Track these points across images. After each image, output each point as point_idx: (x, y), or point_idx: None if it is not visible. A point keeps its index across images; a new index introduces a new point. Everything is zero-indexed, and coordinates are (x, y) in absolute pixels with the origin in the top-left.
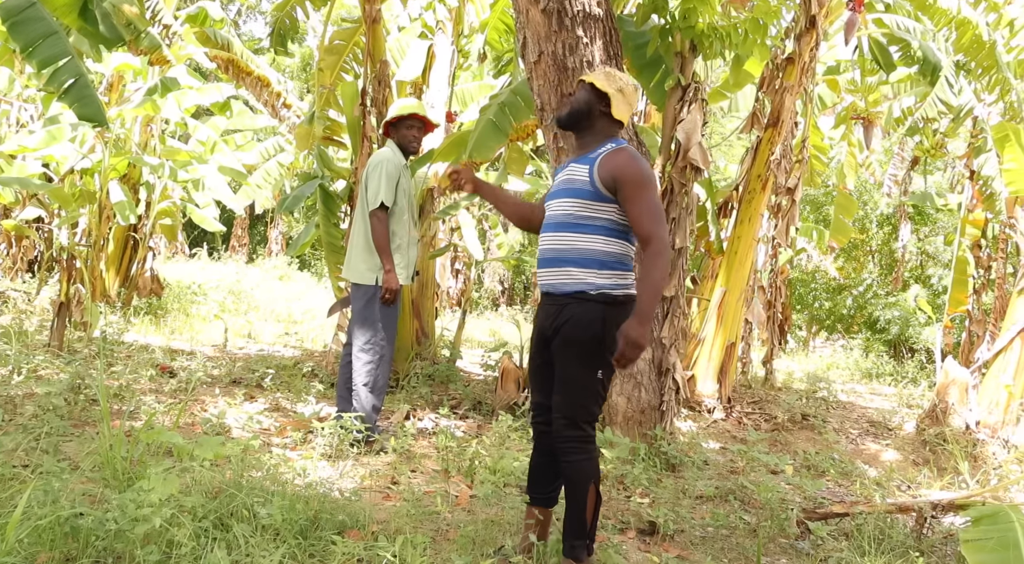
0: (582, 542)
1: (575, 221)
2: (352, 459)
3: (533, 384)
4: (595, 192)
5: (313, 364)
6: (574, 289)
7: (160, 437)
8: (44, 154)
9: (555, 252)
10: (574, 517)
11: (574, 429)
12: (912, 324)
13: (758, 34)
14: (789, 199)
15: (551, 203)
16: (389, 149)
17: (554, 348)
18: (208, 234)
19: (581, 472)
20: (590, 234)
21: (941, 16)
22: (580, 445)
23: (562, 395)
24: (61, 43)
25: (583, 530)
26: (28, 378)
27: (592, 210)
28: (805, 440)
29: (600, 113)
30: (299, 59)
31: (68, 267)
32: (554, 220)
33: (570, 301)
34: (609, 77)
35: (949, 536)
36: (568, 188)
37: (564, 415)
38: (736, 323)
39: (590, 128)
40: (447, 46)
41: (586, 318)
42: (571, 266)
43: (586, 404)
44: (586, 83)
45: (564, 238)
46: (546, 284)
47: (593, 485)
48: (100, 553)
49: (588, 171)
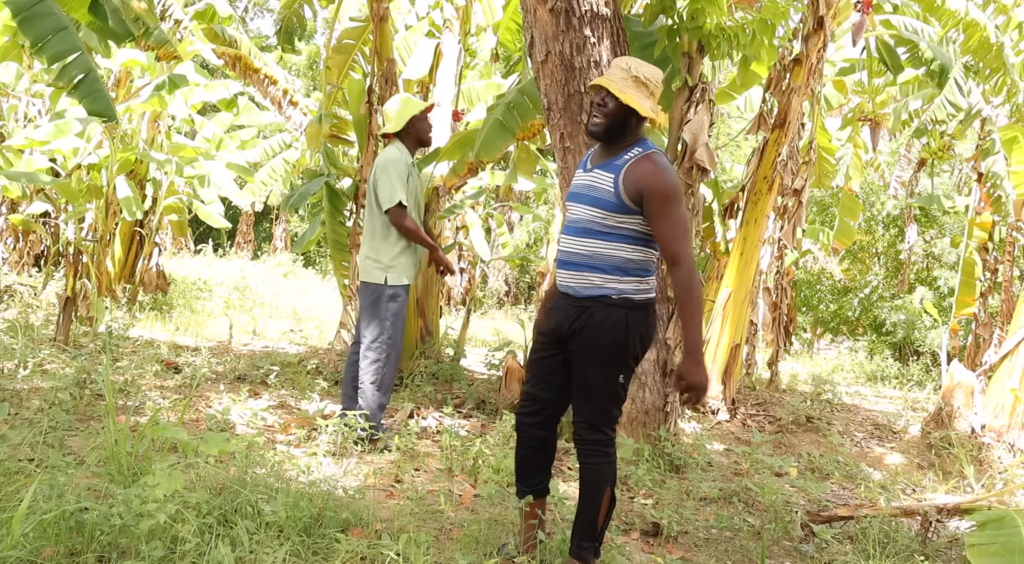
0: (591, 544)
1: (599, 229)
2: (356, 457)
3: (532, 376)
4: (620, 204)
5: (318, 361)
6: (596, 294)
7: (165, 433)
8: (51, 149)
9: (577, 257)
10: (586, 518)
11: (596, 433)
12: (918, 327)
13: (766, 35)
14: (796, 200)
15: (573, 205)
16: (395, 149)
17: (573, 351)
18: (213, 231)
19: (600, 474)
20: (614, 242)
21: (949, 18)
22: (601, 448)
23: (584, 400)
24: (71, 38)
25: (593, 532)
26: (34, 372)
27: (616, 220)
28: (809, 442)
29: (634, 122)
30: (306, 57)
31: (74, 262)
32: (577, 225)
33: (591, 305)
34: (636, 85)
35: (954, 540)
36: (592, 196)
37: (586, 419)
38: (741, 325)
39: (623, 135)
40: (454, 45)
41: (608, 322)
42: (594, 271)
43: (608, 408)
44: (611, 94)
45: (587, 244)
46: (566, 285)
47: (609, 488)
48: (105, 548)
49: (613, 181)
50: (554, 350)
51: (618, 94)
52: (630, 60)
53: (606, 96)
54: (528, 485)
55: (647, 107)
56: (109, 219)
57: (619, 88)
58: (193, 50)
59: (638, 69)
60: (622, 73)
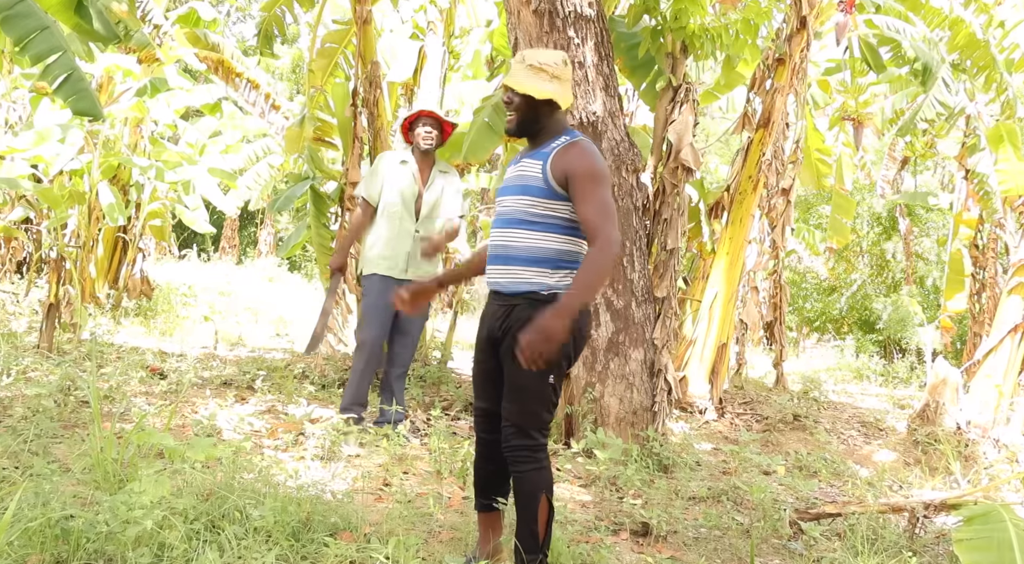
0: (535, 556)
1: (527, 218)
2: (344, 461)
3: (476, 389)
4: (548, 190)
5: (304, 366)
6: (524, 289)
7: (151, 439)
8: (33, 155)
9: (505, 250)
10: (525, 530)
11: (523, 437)
12: (908, 324)
13: (749, 34)
14: (784, 200)
15: (502, 199)
16: (395, 149)
17: (503, 352)
18: (198, 235)
19: (531, 482)
20: (542, 232)
21: (934, 16)
22: (530, 454)
23: (512, 402)
24: (54, 37)
25: (535, 544)
26: (17, 380)
27: (545, 207)
28: (797, 441)
29: (546, 111)
30: (289, 61)
31: (57, 268)
32: (505, 216)
33: (520, 302)
34: (532, 72)
35: (941, 536)
36: (520, 184)
37: (513, 423)
38: (728, 324)
39: (541, 128)
40: (438, 47)
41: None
42: (521, 265)
43: (537, 411)
44: (514, 90)
45: (515, 235)
46: (494, 282)
47: (545, 496)
48: (91, 555)
49: (541, 167)
50: (489, 355)
51: (516, 86)
52: (524, 51)
53: (511, 93)
54: (487, 500)
55: (547, 90)
56: (92, 225)
57: (516, 81)
58: (175, 54)
59: (532, 57)
60: (517, 66)
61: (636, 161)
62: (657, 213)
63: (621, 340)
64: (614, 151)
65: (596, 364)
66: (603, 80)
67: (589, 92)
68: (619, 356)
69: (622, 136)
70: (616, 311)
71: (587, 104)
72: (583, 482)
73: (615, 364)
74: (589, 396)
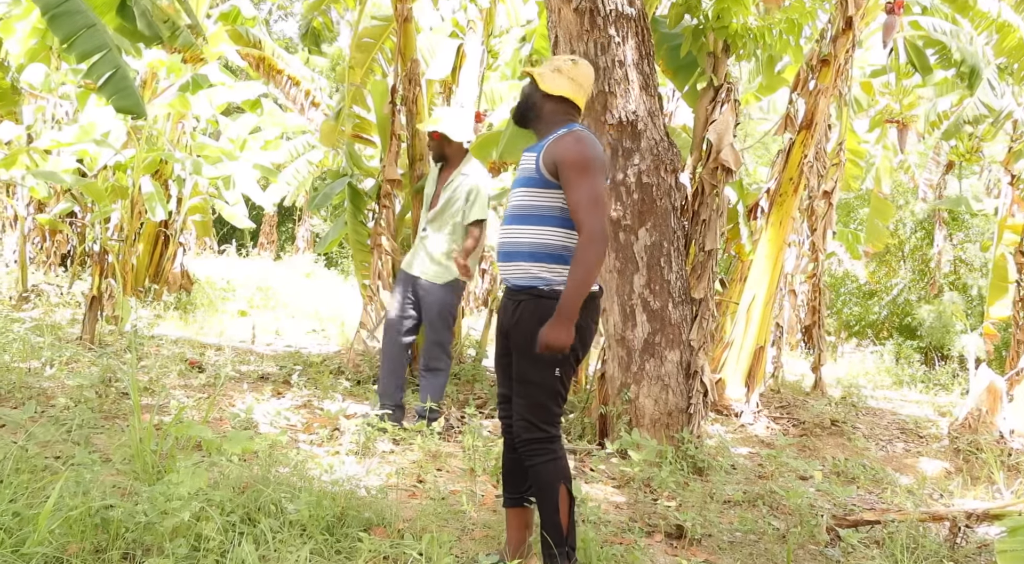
0: (562, 549)
1: (527, 212)
2: (379, 457)
3: (499, 376)
4: (540, 179)
5: (340, 362)
6: (527, 283)
7: (189, 431)
8: (78, 149)
9: (510, 245)
10: (548, 523)
11: (534, 431)
12: (950, 330)
13: (792, 33)
14: (826, 203)
15: (511, 195)
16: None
17: (511, 346)
18: (236, 231)
19: (547, 474)
20: (540, 225)
21: (982, 19)
22: (542, 446)
23: (521, 395)
24: (100, 35)
25: (560, 536)
26: (60, 371)
27: (541, 198)
28: (834, 446)
29: (543, 98)
30: (329, 60)
31: (100, 261)
32: (510, 212)
33: (524, 297)
34: (545, 62)
35: (983, 546)
36: (521, 177)
37: (523, 417)
38: (765, 327)
39: (539, 118)
40: (477, 46)
41: (539, 315)
42: (523, 260)
43: (545, 404)
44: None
45: (517, 231)
46: (505, 277)
47: (563, 486)
48: (129, 545)
49: (535, 158)
50: (505, 347)
51: (527, 70)
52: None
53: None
54: (512, 493)
55: (548, 79)
56: (134, 219)
57: (529, 69)
58: (218, 51)
59: (556, 58)
60: (545, 66)
61: (675, 161)
62: (695, 214)
63: (657, 341)
64: (653, 150)
65: (632, 365)
66: (643, 79)
67: (629, 91)
68: (655, 357)
69: (661, 135)
70: (653, 312)
71: (626, 103)
72: (617, 483)
73: (651, 365)
74: (624, 397)
